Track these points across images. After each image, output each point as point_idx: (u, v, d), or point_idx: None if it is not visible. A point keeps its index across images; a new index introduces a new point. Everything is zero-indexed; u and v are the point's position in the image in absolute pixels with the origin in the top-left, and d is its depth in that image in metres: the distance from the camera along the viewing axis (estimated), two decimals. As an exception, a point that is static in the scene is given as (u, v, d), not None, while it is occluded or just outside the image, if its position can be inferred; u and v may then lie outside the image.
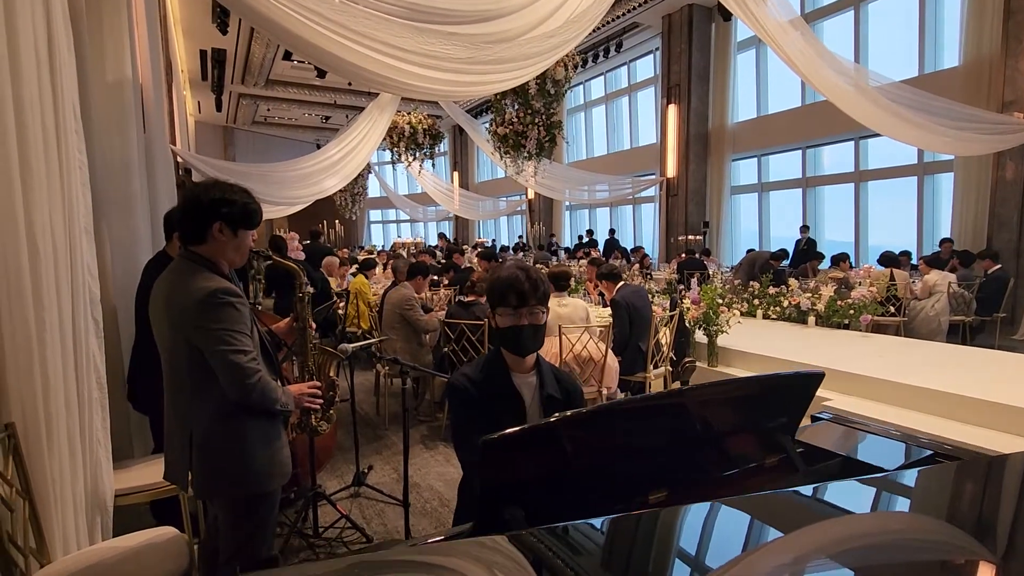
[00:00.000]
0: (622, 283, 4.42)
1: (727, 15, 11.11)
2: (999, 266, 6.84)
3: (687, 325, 5.00)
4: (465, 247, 14.71)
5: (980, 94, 7.60)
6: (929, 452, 1.33)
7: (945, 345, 5.68)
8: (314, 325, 1.98)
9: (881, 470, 1.28)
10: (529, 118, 8.38)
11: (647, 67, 14.05)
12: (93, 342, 2.15)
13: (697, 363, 5.02)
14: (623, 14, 11.37)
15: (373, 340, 2.54)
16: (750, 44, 11.44)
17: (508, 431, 0.98)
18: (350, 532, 2.78)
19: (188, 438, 1.61)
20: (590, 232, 14.88)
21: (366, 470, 3.34)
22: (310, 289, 1.89)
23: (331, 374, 2.01)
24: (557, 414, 1.06)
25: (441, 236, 15.44)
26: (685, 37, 11.70)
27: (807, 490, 1.07)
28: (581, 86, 15.88)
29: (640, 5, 11.12)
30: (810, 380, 1.33)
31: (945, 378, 4.03)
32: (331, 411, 2.00)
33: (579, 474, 1.11)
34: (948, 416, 3.71)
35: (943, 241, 7.90)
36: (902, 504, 1.09)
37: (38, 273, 1.76)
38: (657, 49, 12.93)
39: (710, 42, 11.82)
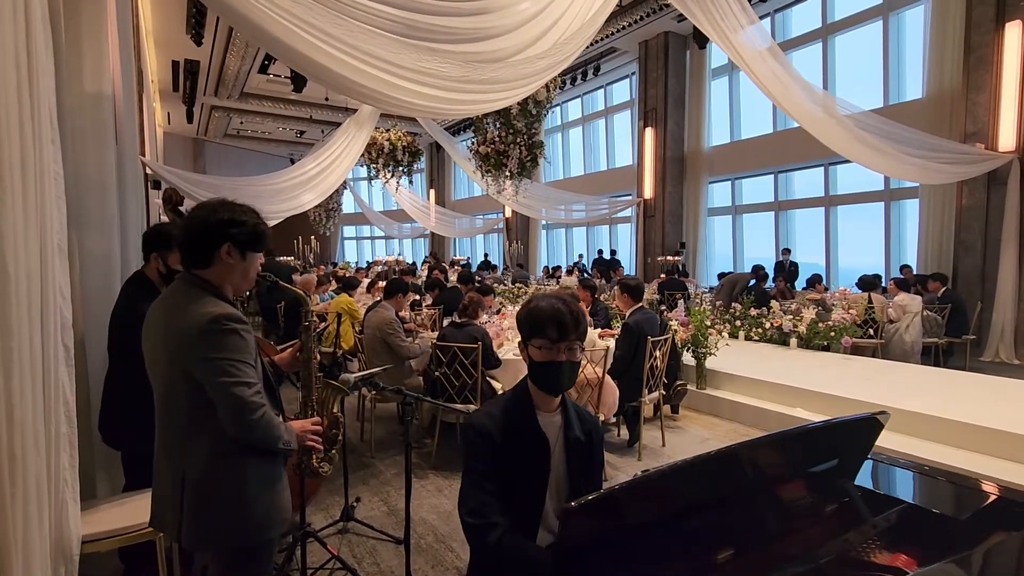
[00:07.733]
0: (639, 305, 4.12)
1: (702, 43, 11.44)
2: (946, 287, 7.08)
3: (677, 347, 4.97)
4: (446, 266, 14.56)
5: (943, 125, 7.92)
6: (997, 496, 1.28)
7: (936, 369, 5.81)
8: (318, 356, 1.83)
9: (950, 518, 1.22)
10: (511, 138, 8.39)
11: (623, 91, 14.33)
12: (63, 371, 1.95)
13: (688, 386, 4.99)
14: (601, 39, 11.58)
15: (377, 369, 2.40)
16: (724, 71, 11.80)
17: (592, 496, 0.87)
18: (341, 573, 2.59)
19: (180, 480, 1.45)
20: (580, 257, 14.93)
21: (354, 503, 3.15)
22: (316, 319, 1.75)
23: (334, 410, 1.85)
24: (640, 473, 0.96)
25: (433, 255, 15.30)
26: (661, 63, 11.99)
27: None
28: (559, 107, 16.06)
29: (618, 31, 11.35)
30: (874, 422, 1.27)
31: (950, 403, 4.07)
32: (333, 451, 1.83)
33: (651, 536, 1.01)
34: (943, 441, 3.76)
35: (903, 267, 8.16)
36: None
37: (7, 296, 1.59)
38: (633, 74, 13.21)
39: (685, 68, 12.13)
